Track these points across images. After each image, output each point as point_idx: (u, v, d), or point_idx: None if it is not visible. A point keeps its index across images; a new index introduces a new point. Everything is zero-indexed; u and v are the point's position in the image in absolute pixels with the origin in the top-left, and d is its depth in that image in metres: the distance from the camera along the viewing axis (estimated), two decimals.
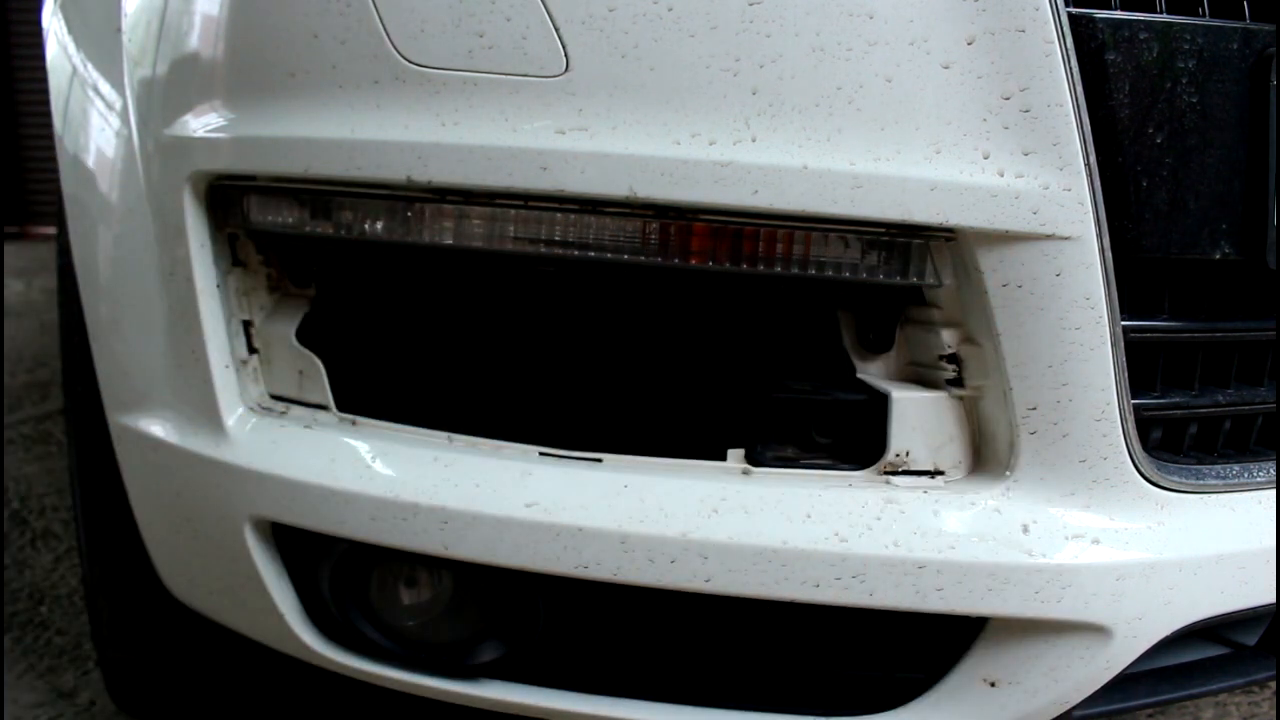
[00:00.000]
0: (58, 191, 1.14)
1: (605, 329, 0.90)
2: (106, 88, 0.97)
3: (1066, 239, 0.76)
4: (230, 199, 0.88)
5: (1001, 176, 0.75)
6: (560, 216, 0.79)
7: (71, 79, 1.06)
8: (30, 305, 4.71)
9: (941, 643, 0.86)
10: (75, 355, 1.11)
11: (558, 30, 0.76)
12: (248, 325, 0.91)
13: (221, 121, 0.85)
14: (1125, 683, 0.91)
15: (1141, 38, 0.77)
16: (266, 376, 0.92)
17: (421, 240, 0.82)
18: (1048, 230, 0.76)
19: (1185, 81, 0.78)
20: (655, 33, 0.75)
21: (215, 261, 0.89)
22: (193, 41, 0.86)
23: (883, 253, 0.79)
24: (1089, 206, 0.76)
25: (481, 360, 0.91)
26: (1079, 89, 0.75)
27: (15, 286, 5.27)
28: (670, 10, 0.75)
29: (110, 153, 0.95)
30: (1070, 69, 0.75)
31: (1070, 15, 0.75)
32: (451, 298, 0.92)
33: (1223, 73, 0.79)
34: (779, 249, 0.79)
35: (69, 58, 1.07)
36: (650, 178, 0.75)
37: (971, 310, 0.80)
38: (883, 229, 0.78)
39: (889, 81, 0.74)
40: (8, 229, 7.67)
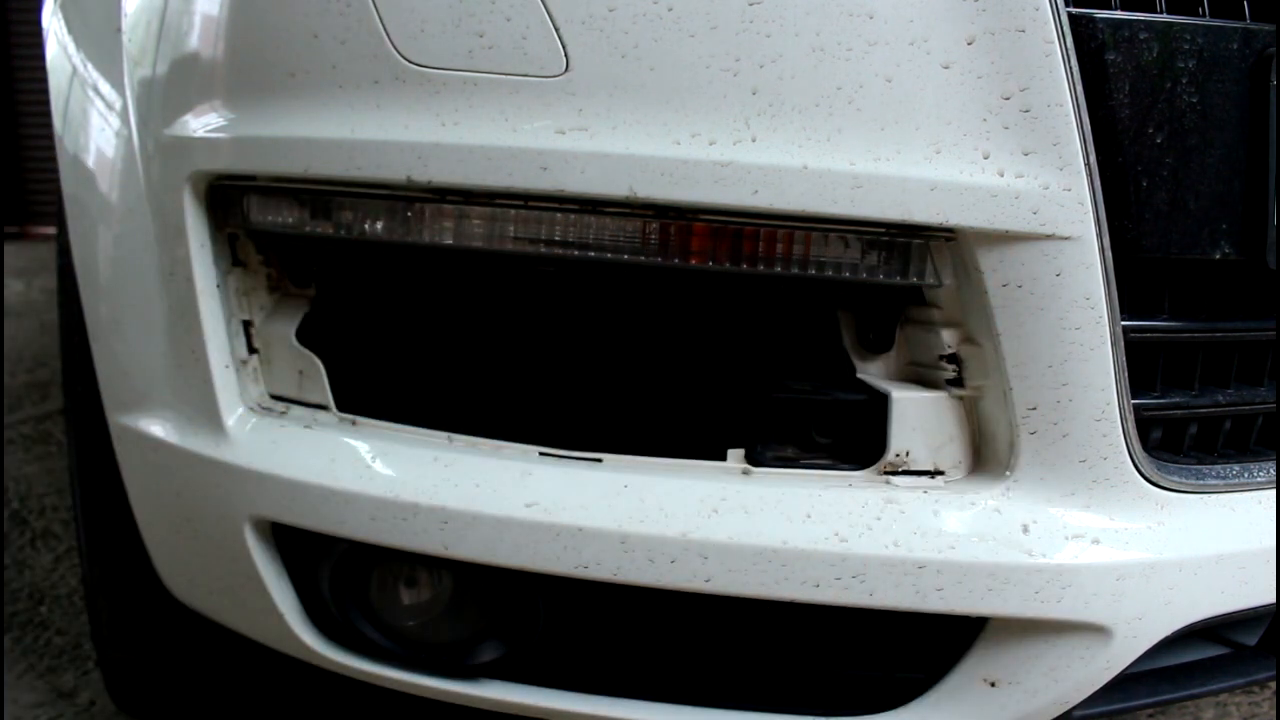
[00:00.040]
0: (58, 191, 1.14)
1: (605, 329, 0.90)
2: (106, 88, 0.97)
3: (1066, 239, 0.76)
4: (230, 199, 0.88)
5: (1001, 176, 0.75)
6: (560, 216, 0.79)
7: (71, 79, 1.06)
8: (30, 305, 4.71)
9: (941, 643, 0.86)
10: (75, 355, 1.11)
11: (558, 30, 0.76)
12: (248, 325, 0.91)
13: (221, 121, 0.85)
14: (1125, 683, 0.91)
15: (1141, 38, 0.77)
16: (266, 376, 0.92)
17: (421, 240, 0.82)
18: (1048, 230, 0.76)
19: (1185, 81, 0.78)
20: (655, 33, 0.75)
21: (215, 261, 0.89)
22: (193, 41, 0.86)
23: (883, 253, 0.79)
24: (1089, 206, 0.76)
25: (481, 360, 0.91)
26: (1079, 89, 0.75)
27: (15, 286, 5.27)
28: (670, 10, 0.75)
29: (110, 153, 0.95)
30: (1070, 69, 0.75)
31: (1070, 15, 0.75)
32: (451, 298, 0.92)
33: (1223, 73, 0.79)
34: (779, 249, 0.79)
35: (69, 58, 1.07)
36: (650, 178, 0.75)
37: (971, 310, 0.80)
38: (883, 229, 0.78)
39: (889, 81, 0.74)
40: (8, 229, 7.67)
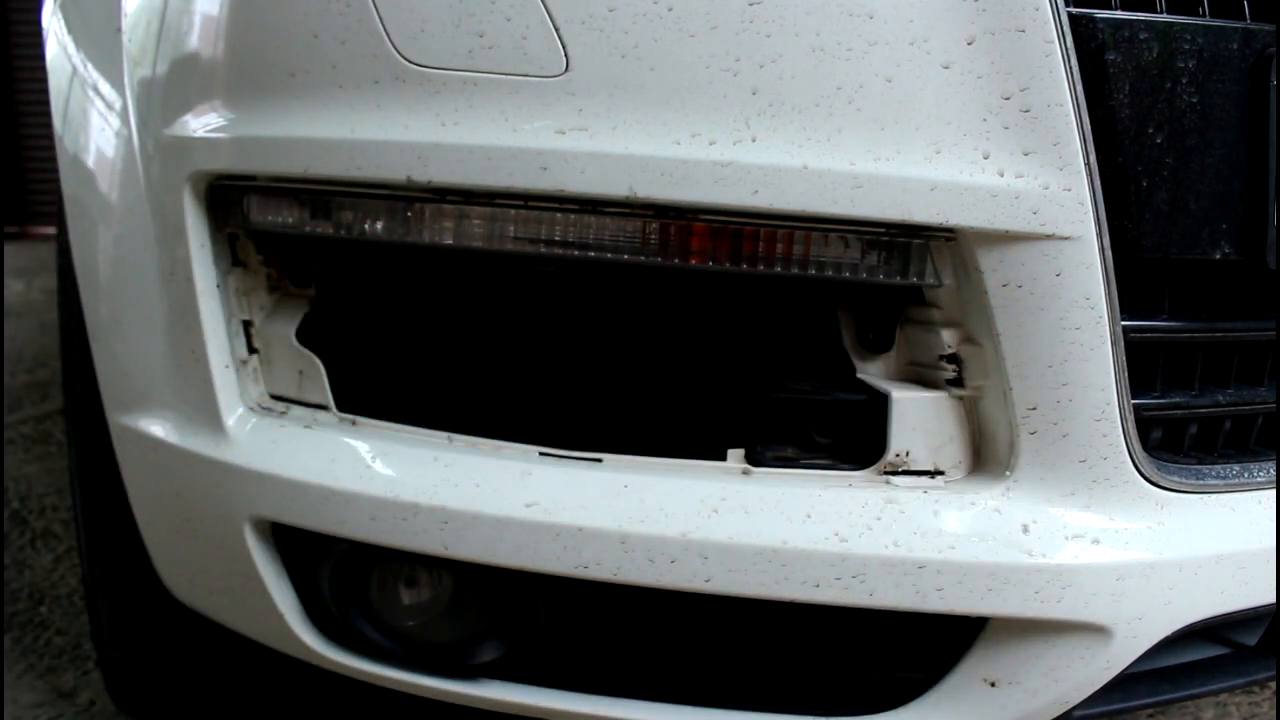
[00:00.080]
0: (58, 191, 1.14)
1: (605, 329, 0.90)
2: (106, 88, 0.96)
3: (1066, 239, 0.76)
4: (230, 199, 0.88)
5: (1001, 176, 0.75)
6: (560, 216, 0.79)
7: (71, 79, 1.06)
8: (30, 305, 4.71)
9: (941, 643, 0.86)
10: (75, 355, 1.11)
11: (558, 30, 0.76)
12: (248, 325, 0.91)
13: (221, 121, 0.85)
14: (1125, 683, 0.91)
15: (1141, 38, 0.77)
16: (266, 376, 0.92)
17: (421, 240, 0.82)
18: (1048, 230, 0.76)
19: (1185, 81, 0.78)
20: (655, 33, 0.75)
21: (215, 261, 0.89)
22: (193, 41, 0.86)
23: (883, 253, 0.79)
24: (1089, 206, 0.76)
25: (481, 360, 0.91)
26: (1079, 89, 0.75)
27: (15, 286, 5.27)
28: (670, 10, 0.75)
29: (110, 153, 0.95)
30: (1070, 69, 0.75)
31: (1070, 15, 0.75)
32: (451, 298, 0.92)
33: (1223, 73, 0.79)
34: (779, 249, 0.79)
35: (69, 58, 1.07)
36: (650, 178, 0.75)
37: (971, 310, 0.80)
38: (883, 229, 0.78)
39: (889, 81, 0.74)
40: (8, 229, 7.67)
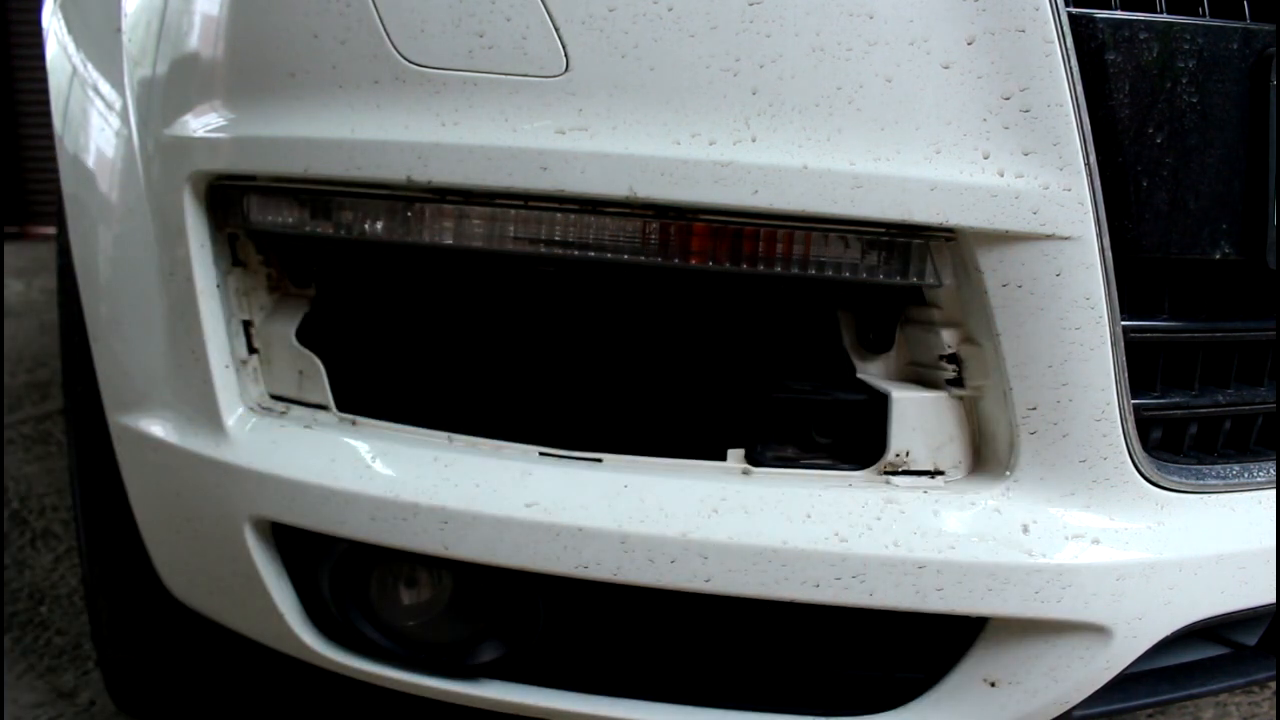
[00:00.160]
0: (58, 191, 1.14)
1: (605, 329, 0.90)
2: (106, 88, 0.97)
3: (1066, 239, 0.76)
4: (230, 199, 0.88)
5: (1001, 176, 0.75)
6: (560, 216, 0.79)
7: (71, 79, 1.06)
8: (30, 305, 4.71)
9: (941, 643, 0.86)
10: (75, 355, 1.11)
11: (558, 30, 0.76)
12: (248, 325, 0.91)
13: (221, 121, 0.85)
14: (1125, 683, 0.91)
15: (1141, 38, 0.77)
16: (266, 376, 0.92)
17: (421, 240, 0.82)
18: (1048, 230, 0.76)
19: (1185, 81, 0.78)
20: (655, 33, 0.75)
21: (215, 261, 0.89)
22: (193, 41, 0.86)
23: (883, 253, 0.79)
24: (1089, 206, 0.76)
25: (481, 360, 0.91)
26: (1079, 89, 0.75)
27: (15, 286, 5.27)
28: (670, 10, 0.75)
29: (110, 153, 0.95)
30: (1070, 69, 0.75)
31: (1070, 15, 0.75)
32: (451, 298, 0.92)
33: (1223, 73, 0.79)
34: (779, 249, 0.79)
35: (69, 58, 1.07)
36: (650, 178, 0.75)
37: (971, 310, 0.80)
38: (883, 229, 0.78)
39: (889, 81, 0.74)
40: (8, 229, 7.67)
